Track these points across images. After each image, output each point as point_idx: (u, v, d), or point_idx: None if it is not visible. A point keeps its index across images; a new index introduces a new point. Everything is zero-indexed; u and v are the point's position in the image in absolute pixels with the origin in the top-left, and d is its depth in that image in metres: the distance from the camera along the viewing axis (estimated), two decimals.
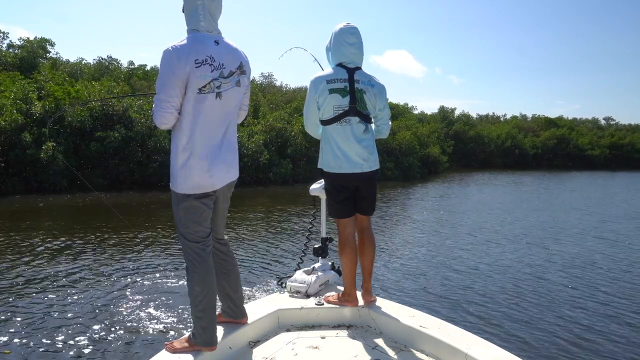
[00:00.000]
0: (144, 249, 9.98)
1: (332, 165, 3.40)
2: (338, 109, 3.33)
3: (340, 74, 3.36)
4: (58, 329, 5.84)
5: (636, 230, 14.30)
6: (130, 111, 20.38)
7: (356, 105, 3.34)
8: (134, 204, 16.57)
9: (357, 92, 3.35)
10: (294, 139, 25.14)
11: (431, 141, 36.95)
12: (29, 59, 26.02)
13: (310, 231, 4.40)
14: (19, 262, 8.64)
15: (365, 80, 3.40)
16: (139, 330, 5.87)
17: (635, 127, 63.30)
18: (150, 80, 29.00)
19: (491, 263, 9.76)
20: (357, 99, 3.34)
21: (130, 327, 5.93)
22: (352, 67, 3.39)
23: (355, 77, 3.36)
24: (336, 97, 3.32)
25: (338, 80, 3.34)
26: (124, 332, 5.78)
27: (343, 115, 3.33)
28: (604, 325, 6.56)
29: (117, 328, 5.90)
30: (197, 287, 2.75)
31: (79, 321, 6.08)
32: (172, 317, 6.25)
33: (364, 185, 3.45)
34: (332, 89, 3.32)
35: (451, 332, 3.05)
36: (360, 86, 3.36)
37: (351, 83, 3.34)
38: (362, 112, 3.37)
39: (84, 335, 5.68)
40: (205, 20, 2.71)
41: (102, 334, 5.71)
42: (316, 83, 3.37)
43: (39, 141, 17.54)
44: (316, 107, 3.39)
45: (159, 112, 2.66)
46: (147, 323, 6.07)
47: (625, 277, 9.00)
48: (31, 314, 6.26)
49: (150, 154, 20.16)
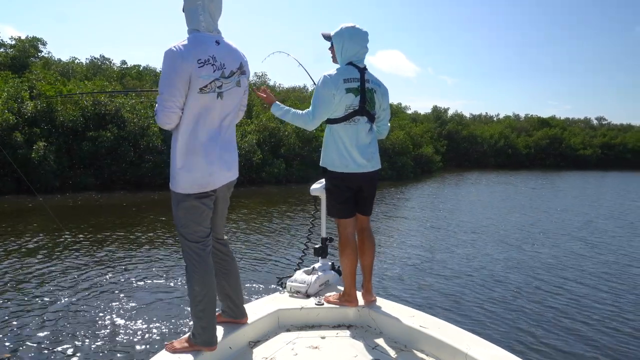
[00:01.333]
0: (142, 249, 9.93)
1: (338, 164, 3.39)
2: (349, 108, 3.34)
3: (354, 73, 3.37)
4: (57, 329, 5.79)
5: (631, 230, 14.39)
6: (123, 111, 20.25)
7: (366, 105, 3.35)
8: (124, 204, 16.44)
9: (367, 92, 3.36)
10: (287, 139, 25.11)
11: (424, 141, 37.05)
12: (20, 58, 25.84)
13: (310, 231, 4.39)
14: (15, 264, 8.57)
15: (374, 80, 3.45)
16: (139, 330, 5.84)
17: (627, 127, 63.79)
18: (143, 80, 28.86)
19: (490, 263, 9.77)
20: (367, 98, 3.36)
21: (130, 327, 5.89)
22: (362, 66, 3.41)
23: (365, 76, 3.38)
24: (350, 97, 3.33)
25: (353, 79, 3.35)
26: (124, 332, 5.75)
27: (352, 114, 3.34)
28: (603, 325, 6.57)
29: (117, 328, 5.86)
30: (197, 287, 2.75)
31: (78, 322, 6.04)
32: (172, 317, 6.22)
33: (366, 185, 3.47)
34: (348, 89, 3.32)
35: (451, 332, 3.05)
36: (370, 86, 3.39)
37: (362, 82, 3.35)
38: (369, 112, 3.38)
39: (83, 335, 5.64)
40: (205, 21, 2.71)
41: (101, 335, 5.68)
42: (334, 80, 3.31)
43: (30, 141, 17.39)
44: (332, 102, 3.32)
45: (163, 112, 2.65)
46: (146, 323, 6.04)
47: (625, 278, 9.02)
48: (29, 315, 6.21)
49: (142, 154, 20.03)
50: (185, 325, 5.89)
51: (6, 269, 8.21)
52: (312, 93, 3.50)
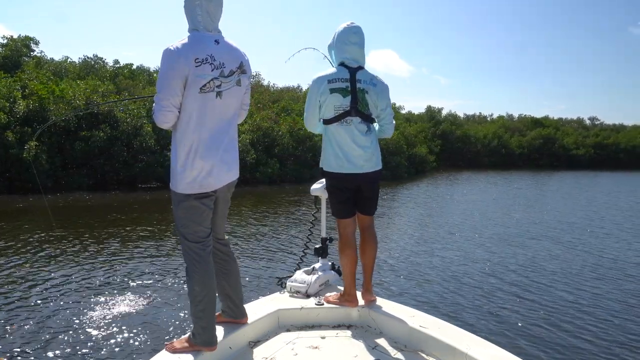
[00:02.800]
0: (140, 249, 9.89)
1: (333, 165, 3.38)
2: (339, 108, 3.32)
3: (342, 73, 3.35)
4: (57, 330, 5.76)
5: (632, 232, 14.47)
6: (116, 110, 20.15)
7: (357, 105, 3.32)
8: (115, 204, 16.35)
9: (358, 92, 3.33)
10: (281, 139, 25.10)
11: (418, 141, 37.18)
12: (12, 57, 25.63)
13: (310, 231, 4.38)
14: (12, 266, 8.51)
15: (367, 79, 3.38)
16: (139, 330, 5.81)
17: (620, 127, 64.27)
18: (136, 80, 28.71)
19: (490, 263, 9.77)
20: (359, 99, 3.33)
21: (130, 327, 5.86)
22: (354, 66, 3.37)
23: (357, 76, 3.34)
24: (337, 97, 3.31)
25: (340, 80, 3.33)
26: (124, 333, 5.72)
27: (344, 115, 3.32)
28: (603, 325, 6.59)
29: (117, 328, 5.84)
30: (197, 287, 2.74)
31: (77, 322, 6.00)
32: (172, 317, 6.20)
33: (365, 185, 3.44)
34: (333, 89, 3.31)
35: (451, 332, 3.05)
36: (362, 86, 3.34)
37: (352, 83, 3.33)
38: (363, 113, 3.35)
39: (82, 336, 5.61)
40: (204, 20, 2.70)
41: (101, 335, 5.65)
42: (318, 83, 3.35)
43: (22, 141, 17.29)
44: (317, 106, 3.37)
45: (159, 112, 2.64)
46: (146, 323, 6.01)
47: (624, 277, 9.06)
48: (27, 316, 6.17)
49: (135, 154, 19.98)
50: (186, 325, 5.87)
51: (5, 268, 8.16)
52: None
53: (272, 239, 11.39)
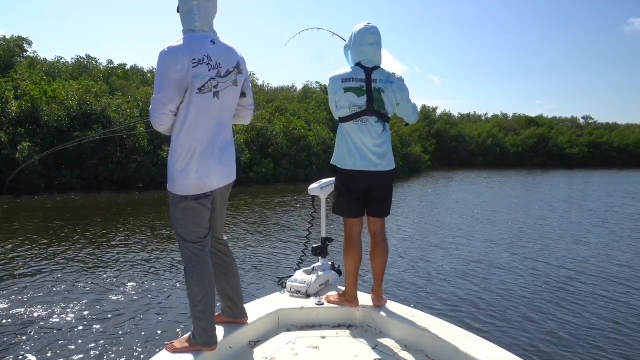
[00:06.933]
0: (139, 249, 9.87)
1: (347, 162, 3.36)
2: (354, 107, 3.31)
3: (357, 73, 3.34)
4: (56, 330, 5.74)
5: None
6: (109, 110, 20.06)
7: (373, 104, 3.31)
8: (102, 204, 16.22)
9: (374, 92, 3.32)
10: (275, 139, 25.07)
11: (413, 140, 37.22)
12: (5, 57, 25.42)
13: (310, 231, 4.36)
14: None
15: (384, 78, 3.36)
16: (139, 330, 5.80)
17: (613, 126, 64.71)
18: (130, 80, 28.59)
19: (490, 262, 9.78)
20: (375, 98, 3.32)
21: (130, 327, 5.85)
22: (370, 66, 3.36)
23: (372, 76, 3.33)
24: (351, 96, 3.31)
25: (354, 79, 3.32)
26: (124, 333, 5.71)
27: (360, 114, 3.31)
28: (603, 325, 6.61)
29: (117, 328, 5.82)
30: (196, 287, 2.72)
31: (77, 323, 5.99)
32: (172, 317, 6.19)
33: (378, 184, 3.40)
34: (347, 88, 3.31)
35: (451, 332, 3.04)
36: (377, 85, 3.33)
37: (368, 82, 3.32)
38: (379, 112, 3.34)
39: (82, 336, 5.60)
40: (201, 20, 2.68)
41: (101, 335, 5.63)
42: (333, 82, 3.38)
43: (14, 141, 17.16)
44: (335, 105, 3.41)
45: (156, 113, 2.62)
46: (146, 323, 6.00)
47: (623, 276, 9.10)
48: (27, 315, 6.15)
49: (129, 154, 19.88)
50: (185, 325, 5.84)
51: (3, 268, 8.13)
52: (301, 92, 3.49)
53: (271, 239, 11.38)
